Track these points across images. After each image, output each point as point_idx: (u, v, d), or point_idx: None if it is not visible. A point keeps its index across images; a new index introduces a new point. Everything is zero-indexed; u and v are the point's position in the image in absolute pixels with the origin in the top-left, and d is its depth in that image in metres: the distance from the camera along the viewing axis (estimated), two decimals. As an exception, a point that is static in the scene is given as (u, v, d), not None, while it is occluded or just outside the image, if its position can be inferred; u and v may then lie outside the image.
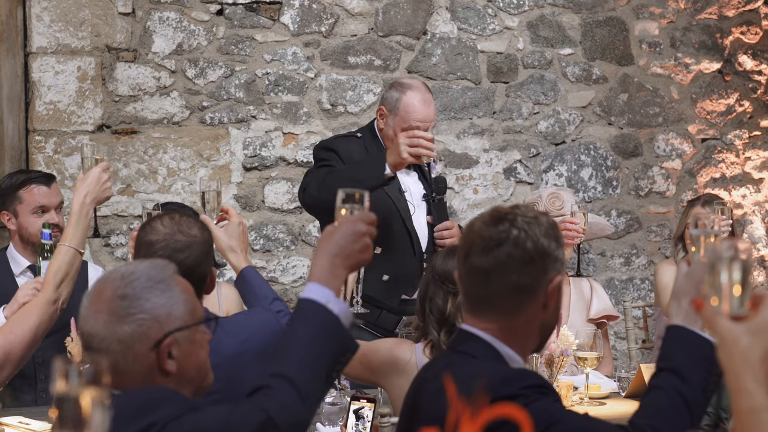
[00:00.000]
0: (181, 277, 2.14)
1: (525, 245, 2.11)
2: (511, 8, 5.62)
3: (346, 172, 4.10)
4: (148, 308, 2.05)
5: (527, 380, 2.08)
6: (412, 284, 4.23)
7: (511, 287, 2.12)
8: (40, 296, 3.18)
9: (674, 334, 2.13)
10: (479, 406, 1.47)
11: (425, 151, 3.91)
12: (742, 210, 5.92)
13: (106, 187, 3.31)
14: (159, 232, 2.78)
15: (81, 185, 3.29)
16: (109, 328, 2.04)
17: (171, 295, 2.08)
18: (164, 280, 2.09)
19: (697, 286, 2.11)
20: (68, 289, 3.19)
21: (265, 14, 5.30)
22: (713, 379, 2.11)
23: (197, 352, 2.12)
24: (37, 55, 5.00)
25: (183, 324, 2.08)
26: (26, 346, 3.08)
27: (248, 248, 5.29)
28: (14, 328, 3.10)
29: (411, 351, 3.19)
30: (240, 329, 2.92)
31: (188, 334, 2.09)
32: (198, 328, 2.12)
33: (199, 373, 2.12)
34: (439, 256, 3.14)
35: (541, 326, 2.17)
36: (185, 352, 2.08)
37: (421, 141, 3.90)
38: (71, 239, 3.21)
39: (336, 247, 2.03)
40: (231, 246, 3.23)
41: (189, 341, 2.09)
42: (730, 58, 5.93)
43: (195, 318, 2.11)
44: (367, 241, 2.04)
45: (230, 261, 3.27)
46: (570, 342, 3.84)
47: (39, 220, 4.13)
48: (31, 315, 3.13)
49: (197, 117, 5.22)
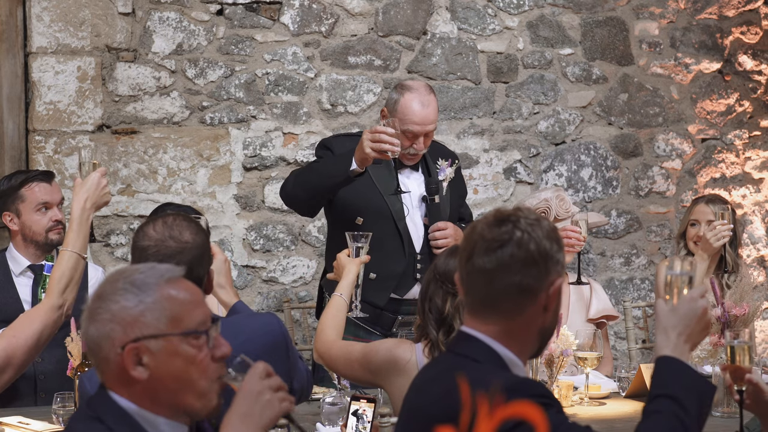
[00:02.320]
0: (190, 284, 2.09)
1: (528, 246, 2.12)
2: (511, 8, 5.62)
3: (316, 167, 4.19)
4: (114, 310, 2.02)
5: (533, 390, 2.09)
6: (402, 284, 4.25)
7: (513, 288, 2.13)
8: (45, 302, 3.18)
9: (666, 364, 2.18)
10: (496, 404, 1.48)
11: (388, 146, 3.94)
12: (742, 210, 5.92)
13: (105, 192, 3.32)
14: (151, 238, 2.76)
15: (80, 190, 3.29)
16: (84, 327, 2.06)
17: (145, 300, 2.01)
18: (146, 284, 2.03)
19: (683, 320, 2.20)
20: (73, 295, 3.20)
21: (265, 14, 5.30)
22: (705, 411, 2.16)
23: (179, 365, 2.02)
24: (37, 55, 4.99)
25: (157, 332, 2.01)
26: (29, 351, 3.08)
27: (249, 251, 5.31)
28: (18, 332, 3.10)
29: (411, 351, 3.20)
30: (241, 330, 2.92)
31: (166, 343, 2.01)
32: (189, 340, 2.02)
33: (179, 388, 2.03)
34: (442, 255, 3.15)
35: (540, 330, 2.17)
36: (160, 362, 2.01)
37: (383, 137, 3.94)
38: (73, 244, 3.22)
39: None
40: (219, 283, 3.21)
41: (167, 351, 2.01)
42: (730, 58, 5.93)
43: (179, 328, 2.02)
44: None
45: (219, 298, 3.26)
46: (570, 342, 3.84)
47: (42, 217, 4.14)
48: (34, 320, 3.14)
49: (197, 117, 5.22)
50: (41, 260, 4.17)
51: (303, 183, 4.16)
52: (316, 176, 4.13)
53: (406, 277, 4.25)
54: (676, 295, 2.25)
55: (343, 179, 4.05)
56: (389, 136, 3.95)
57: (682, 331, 2.20)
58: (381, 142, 3.94)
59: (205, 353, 2.05)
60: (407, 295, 4.25)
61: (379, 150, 3.95)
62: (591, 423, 3.46)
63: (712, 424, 2.46)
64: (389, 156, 4.01)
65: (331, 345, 3.42)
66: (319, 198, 4.20)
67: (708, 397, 2.18)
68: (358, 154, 3.99)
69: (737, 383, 2.48)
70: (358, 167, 4.02)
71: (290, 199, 4.26)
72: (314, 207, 4.31)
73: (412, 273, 4.25)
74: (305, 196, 4.19)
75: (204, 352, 2.04)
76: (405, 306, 4.26)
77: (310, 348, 4.35)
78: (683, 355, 2.18)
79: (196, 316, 2.06)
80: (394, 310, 4.26)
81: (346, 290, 3.57)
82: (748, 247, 5.96)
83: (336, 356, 3.39)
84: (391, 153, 3.98)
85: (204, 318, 2.07)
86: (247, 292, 5.28)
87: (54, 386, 3.75)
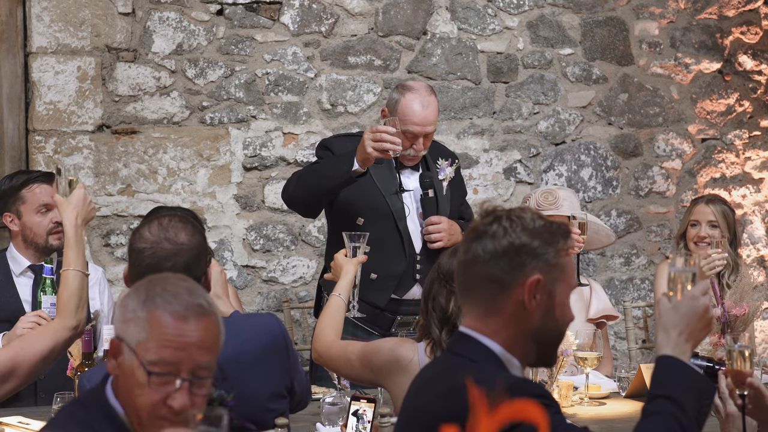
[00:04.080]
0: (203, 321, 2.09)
1: (501, 240, 2.13)
2: (511, 8, 5.62)
3: (317, 169, 4.19)
4: (125, 302, 2.13)
5: (532, 390, 2.09)
6: (401, 284, 4.25)
7: (482, 279, 2.14)
8: (58, 321, 3.19)
9: (666, 364, 2.18)
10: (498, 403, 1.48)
11: (389, 146, 3.95)
12: (742, 210, 5.92)
13: (92, 207, 3.38)
14: (146, 240, 2.75)
15: (68, 207, 3.31)
16: None
17: (138, 313, 2.08)
18: (154, 301, 2.08)
19: (684, 318, 2.19)
20: (84, 312, 3.22)
21: (265, 14, 5.30)
22: (704, 410, 2.16)
23: (131, 383, 2.07)
24: (37, 55, 4.99)
25: (130, 343, 2.07)
26: (35, 365, 3.09)
27: (249, 251, 5.31)
28: (27, 345, 3.11)
29: (413, 350, 3.19)
30: (241, 330, 2.92)
31: (132, 357, 2.07)
32: (144, 368, 2.05)
33: (128, 400, 2.09)
34: (445, 255, 3.14)
35: (533, 333, 2.15)
36: (124, 368, 2.09)
37: (384, 136, 3.94)
38: (75, 263, 3.23)
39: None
40: (216, 293, 3.20)
41: (129, 364, 2.07)
42: (730, 58, 5.93)
43: (141, 354, 2.05)
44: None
45: None
46: (570, 342, 3.84)
47: (43, 219, 4.14)
48: (46, 336, 3.15)
49: (197, 117, 5.22)
50: (41, 261, 4.17)
51: (305, 185, 4.16)
52: (318, 178, 4.13)
53: (405, 278, 4.25)
54: (679, 291, 2.24)
55: (345, 180, 4.05)
56: (390, 135, 3.95)
57: (683, 329, 2.20)
58: (382, 141, 3.94)
59: (154, 391, 2.05)
60: (406, 296, 4.25)
61: (381, 149, 3.95)
62: (591, 423, 3.47)
63: (713, 424, 2.46)
64: (391, 155, 4.01)
65: (330, 345, 3.42)
66: (321, 199, 4.20)
67: (708, 397, 2.18)
68: (360, 155, 3.99)
69: (738, 387, 2.48)
70: (359, 168, 4.02)
71: (292, 200, 4.26)
72: (316, 208, 4.31)
73: (412, 273, 4.25)
74: (307, 198, 4.19)
75: (152, 389, 2.05)
76: (404, 306, 4.26)
77: (310, 348, 4.36)
78: (684, 354, 2.18)
79: (167, 355, 2.05)
80: (394, 310, 4.26)
81: (344, 290, 3.57)
82: (748, 247, 5.96)
83: (336, 356, 3.39)
84: (393, 152, 3.99)
85: (176, 362, 2.05)
86: (247, 292, 5.28)
87: (54, 386, 3.75)
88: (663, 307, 2.22)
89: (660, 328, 2.21)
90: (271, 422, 2.92)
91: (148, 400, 2.05)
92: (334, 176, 4.07)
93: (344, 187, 4.10)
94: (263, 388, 2.94)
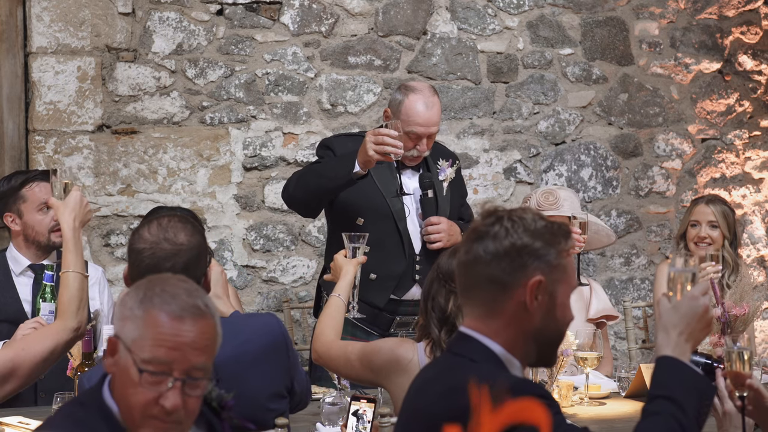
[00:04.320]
0: (199, 323, 2.09)
1: (502, 240, 2.13)
2: (511, 8, 5.62)
3: (318, 169, 4.18)
4: (125, 300, 2.14)
5: (533, 390, 2.09)
6: (401, 285, 4.25)
7: (484, 279, 2.14)
8: (59, 322, 3.19)
9: (666, 364, 2.18)
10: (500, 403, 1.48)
11: (391, 149, 3.94)
12: (742, 210, 5.92)
13: (88, 210, 3.38)
14: (146, 240, 2.75)
15: (65, 210, 3.31)
16: None
17: (135, 312, 2.09)
18: (151, 301, 2.08)
19: (684, 318, 2.19)
20: (85, 314, 3.22)
21: (265, 14, 5.30)
22: (704, 411, 2.16)
23: (125, 380, 2.08)
24: (37, 55, 4.99)
25: (126, 342, 2.08)
26: (36, 367, 3.10)
27: (249, 251, 5.31)
28: (28, 346, 3.11)
29: (413, 350, 3.19)
30: (241, 330, 2.92)
31: (127, 355, 2.07)
32: (137, 366, 2.06)
33: (122, 398, 2.10)
34: (444, 255, 3.14)
35: (533, 334, 2.15)
36: (120, 367, 2.09)
37: (386, 139, 3.94)
38: (74, 265, 3.24)
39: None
40: (216, 293, 3.21)
41: (124, 362, 2.08)
42: (730, 58, 5.93)
43: (136, 352, 2.06)
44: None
45: None
46: (570, 342, 3.84)
47: (45, 217, 4.13)
48: (47, 337, 3.15)
49: (197, 117, 5.22)
50: (42, 260, 4.17)
51: (305, 185, 4.16)
52: (319, 178, 4.13)
53: (405, 278, 4.25)
54: (679, 291, 2.24)
55: (346, 182, 4.04)
56: (392, 138, 3.94)
57: (683, 329, 2.20)
58: (384, 145, 3.94)
59: (146, 390, 2.06)
60: (406, 296, 4.25)
61: (383, 152, 3.95)
62: (591, 423, 3.47)
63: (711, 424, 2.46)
64: (392, 158, 4.01)
65: (330, 345, 3.42)
66: (321, 200, 4.20)
67: (708, 397, 2.18)
68: (361, 157, 3.99)
69: (738, 389, 2.48)
70: (361, 170, 4.01)
71: (292, 200, 4.26)
72: (316, 208, 4.31)
73: (411, 274, 4.25)
74: (307, 198, 4.19)
75: (145, 388, 2.06)
76: (403, 307, 4.26)
77: (309, 348, 4.35)
78: (684, 354, 2.18)
79: (161, 354, 2.06)
80: (393, 310, 4.26)
81: (344, 291, 3.56)
82: (748, 247, 5.96)
83: (335, 356, 3.39)
84: (394, 155, 3.98)
85: (170, 362, 2.06)
86: (247, 292, 5.28)
87: (54, 386, 3.75)
88: (663, 308, 2.22)
89: (660, 329, 2.21)
90: (271, 422, 2.92)
91: (141, 399, 2.05)
92: (334, 177, 4.07)
93: (345, 189, 4.10)
94: (263, 388, 2.94)
